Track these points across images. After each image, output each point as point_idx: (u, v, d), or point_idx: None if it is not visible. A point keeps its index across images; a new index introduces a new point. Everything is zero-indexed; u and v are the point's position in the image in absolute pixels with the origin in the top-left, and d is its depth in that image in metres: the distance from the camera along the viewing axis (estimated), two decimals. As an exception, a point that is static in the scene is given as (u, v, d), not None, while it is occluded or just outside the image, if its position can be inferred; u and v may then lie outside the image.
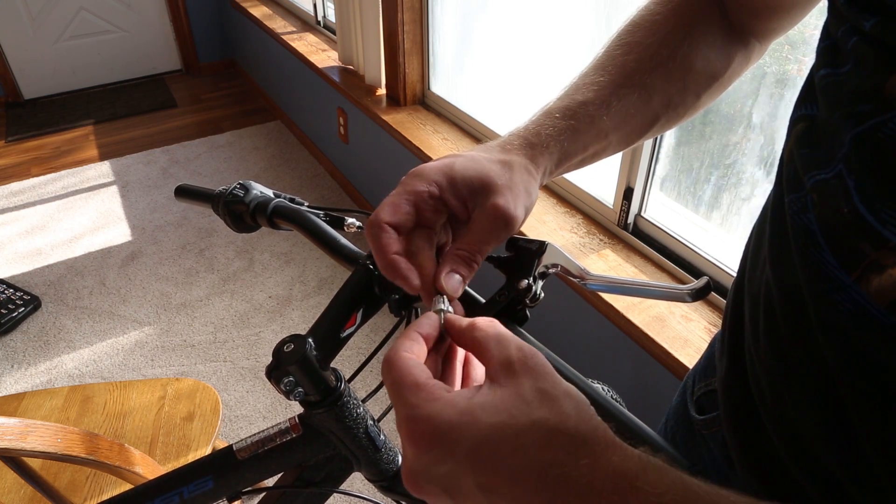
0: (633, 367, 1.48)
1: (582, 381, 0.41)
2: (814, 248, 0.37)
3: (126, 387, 1.39)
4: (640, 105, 0.54)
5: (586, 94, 0.53)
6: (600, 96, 0.53)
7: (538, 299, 0.47)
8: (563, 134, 0.51)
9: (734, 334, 0.50)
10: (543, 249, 0.48)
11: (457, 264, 0.44)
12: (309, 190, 3.12)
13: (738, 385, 0.48)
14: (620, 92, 0.54)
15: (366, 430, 0.60)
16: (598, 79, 0.54)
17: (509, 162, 0.48)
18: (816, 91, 0.39)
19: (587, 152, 0.54)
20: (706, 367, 0.61)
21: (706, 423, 0.58)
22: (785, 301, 0.40)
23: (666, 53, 0.55)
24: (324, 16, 3.09)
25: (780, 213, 0.42)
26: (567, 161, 0.53)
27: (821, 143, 0.37)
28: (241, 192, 0.72)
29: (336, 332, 0.53)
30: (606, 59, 0.56)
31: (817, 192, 0.37)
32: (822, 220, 0.36)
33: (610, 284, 0.48)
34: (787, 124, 0.44)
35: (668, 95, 0.56)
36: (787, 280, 0.40)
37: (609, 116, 0.53)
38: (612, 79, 0.54)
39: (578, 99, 0.53)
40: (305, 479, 0.62)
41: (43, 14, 3.93)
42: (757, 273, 0.46)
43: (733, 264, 1.33)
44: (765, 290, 0.43)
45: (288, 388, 0.51)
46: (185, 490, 0.58)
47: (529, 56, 1.85)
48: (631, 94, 0.54)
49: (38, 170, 3.35)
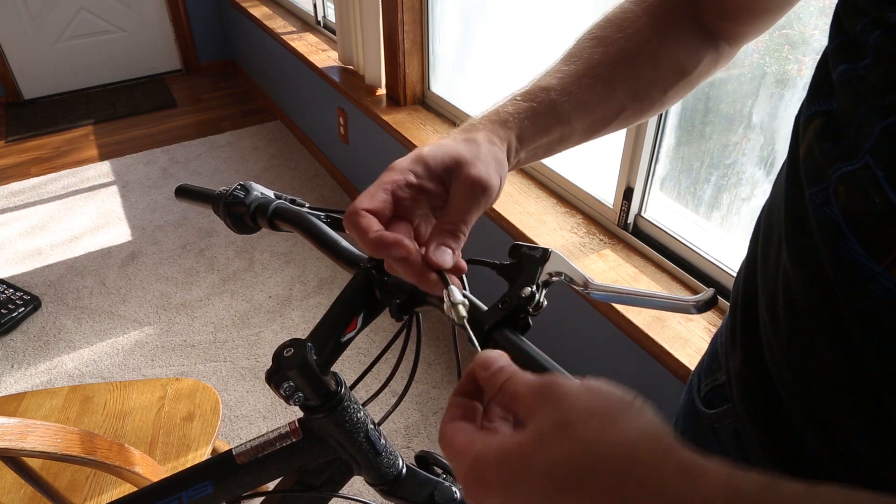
0: (633, 367, 1.48)
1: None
2: (840, 238, 0.37)
3: (126, 387, 1.39)
4: (603, 96, 0.56)
5: (550, 80, 0.56)
6: (563, 83, 0.55)
7: (541, 307, 0.46)
8: (522, 113, 0.53)
9: (747, 329, 0.51)
10: (547, 257, 0.48)
11: (443, 237, 0.45)
12: (309, 190, 3.12)
13: (756, 377, 0.49)
14: (583, 81, 0.55)
15: (366, 435, 0.59)
16: (564, 67, 0.57)
17: (473, 139, 0.50)
18: (834, 86, 0.40)
19: (551, 135, 0.55)
20: (711, 362, 0.62)
21: (717, 417, 0.59)
22: (808, 292, 0.41)
23: (633, 48, 0.57)
24: (324, 16, 3.08)
25: (797, 207, 0.42)
26: (530, 141, 0.54)
27: (843, 136, 0.38)
28: (242, 193, 0.72)
29: (336, 337, 0.53)
30: (575, 51, 0.58)
31: (843, 183, 0.37)
32: (846, 210, 0.37)
33: (614, 294, 0.48)
34: (798, 122, 0.45)
35: (633, 88, 0.58)
36: (810, 272, 0.41)
37: (570, 103, 0.55)
38: (577, 69, 0.56)
39: (541, 84, 0.55)
40: (305, 483, 0.62)
41: (43, 14, 3.93)
42: (770, 269, 0.47)
43: (733, 264, 1.33)
44: (783, 283, 0.44)
45: (288, 392, 0.51)
46: (184, 494, 0.58)
47: (529, 56, 1.85)
48: (594, 84, 0.56)
49: (38, 170, 3.35)
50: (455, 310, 0.42)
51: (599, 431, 0.30)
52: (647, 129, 1.42)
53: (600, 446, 0.30)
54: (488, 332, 0.46)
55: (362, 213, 0.45)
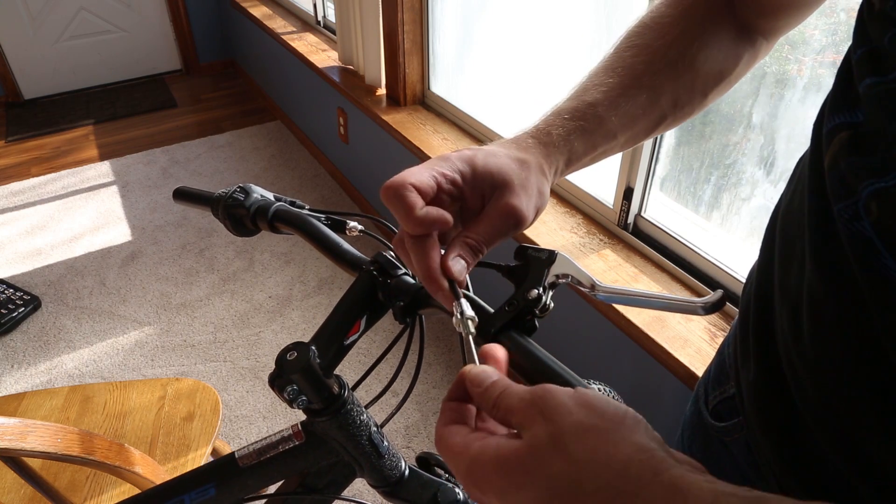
0: (633, 367, 1.48)
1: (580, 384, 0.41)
2: (872, 254, 0.37)
3: (126, 387, 1.39)
4: (647, 106, 0.55)
5: (595, 95, 0.54)
6: (609, 97, 0.54)
7: (548, 309, 0.46)
8: (572, 134, 0.52)
9: (761, 340, 0.50)
10: (553, 259, 0.48)
11: (464, 251, 0.45)
12: (309, 190, 3.12)
13: (772, 390, 0.48)
14: (629, 93, 0.54)
15: (369, 437, 0.59)
16: (607, 80, 0.55)
17: (526, 161, 0.49)
18: (860, 98, 0.39)
19: (595, 152, 0.55)
20: (719, 374, 0.61)
21: (727, 430, 0.58)
22: (837, 307, 0.40)
23: (675, 56, 0.56)
24: (324, 16, 3.08)
25: (824, 221, 0.41)
26: (576, 161, 0.54)
27: (873, 150, 0.37)
28: (242, 195, 0.71)
29: (339, 340, 0.53)
30: (616, 61, 0.56)
31: (876, 199, 0.36)
32: (880, 227, 0.36)
33: (621, 296, 0.48)
34: (818, 131, 0.44)
35: (675, 96, 0.56)
36: (840, 287, 0.40)
37: (617, 117, 0.54)
38: (621, 80, 0.55)
39: (587, 100, 0.54)
40: (308, 485, 0.62)
41: (43, 14, 3.92)
42: (792, 280, 0.46)
43: (733, 264, 1.33)
44: (808, 297, 0.43)
45: (291, 396, 0.51)
46: (186, 497, 0.58)
47: (529, 56, 1.85)
48: (639, 95, 0.55)
49: (38, 170, 3.35)
50: (464, 324, 0.42)
51: (592, 450, 0.31)
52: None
53: (593, 464, 0.31)
54: (495, 334, 0.46)
55: (410, 188, 0.43)
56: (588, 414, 0.33)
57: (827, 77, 1.14)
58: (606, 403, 0.33)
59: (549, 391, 0.34)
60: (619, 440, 0.31)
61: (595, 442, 0.31)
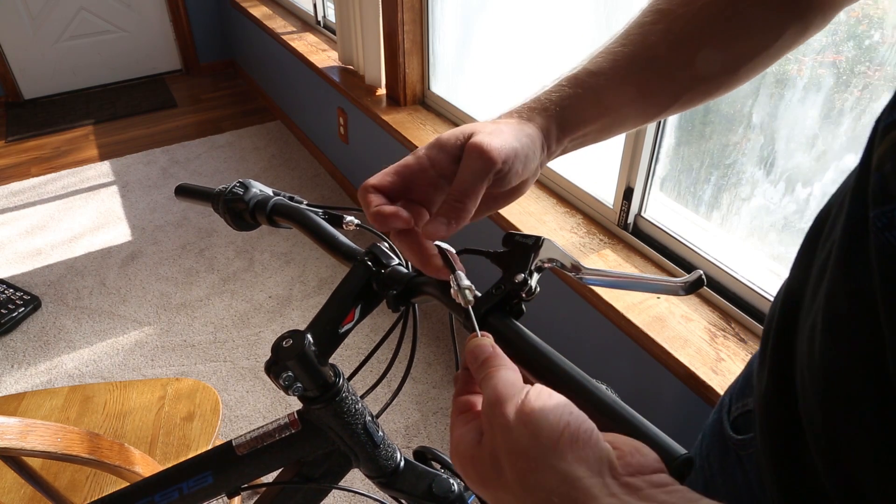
0: (633, 367, 1.48)
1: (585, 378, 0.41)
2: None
3: (126, 387, 1.39)
4: (659, 79, 0.51)
5: (601, 63, 0.51)
6: (615, 67, 0.50)
7: (534, 293, 0.47)
8: (566, 99, 0.50)
9: (779, 350, 0.48)
10: (540, 244, 0.49)
11: (444, 210, 0.45)
12: (309, 190, 3.12)
13: (781, 403, 0.46)
14: (638, 63, 0.50)
15: (364, 426, 0.60)
16: (617, 48, 0.51)
17: (499, 120, 0.49)
18: None
19: (599, 122, 0.51)
20: (744, 386, 0.59)
21: (743, 444, 0.57)
22: (854, 320, 0.38)
23: (700, 25, 0.50)
24: (324, 16, 3.09)
25: (857, 226, 0.38)
26: (575, 128, 0.50)
27: None
28: (241, 190, 0.73)
29: (335, 328, 0.54)
30: (633, 28, 0.52)
31: None
32: None
33: (604, 278, 0.48)
34: (875, 128, 0.39)
35: (696, 70, 0.51)
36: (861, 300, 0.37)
37: (622, 89, 0.50)
38: (633, 50, 0.51)
39: (589, 68, 0.51)
40: (304, 474, 0.62)
41: (43, 14, 3.93)
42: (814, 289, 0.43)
43: (733, 264, 1.34)
44: (826, 306, 0.40)
45: (286, 383, 0.52)
46: (184, 485, 0.59)
47: (529, 56, 1.85)
48: (650, 66, 0.50)
49: (38, 170, 3.35)
50: (462, 294, 0.44)
51: (521, 474, 0.32)
52: (647, 129, 1.42)
53: (520, 488, 0.32)
54: (483, 316, 0.46)
55: (369, 189, 0.47)
56: (524, 434, 0.33)
57: (827, 77, 1.14)
58: (546, 422, 0.33)
59: (500, 402, 0.35)
60: (546, 468, 0.32)
61: (524, 466, 0.32)
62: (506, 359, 0.39)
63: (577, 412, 0.34)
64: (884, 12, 1.06)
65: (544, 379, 0.42)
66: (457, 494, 0.64)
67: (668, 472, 0.33)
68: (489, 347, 0.40)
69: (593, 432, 0.33)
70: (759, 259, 1.32)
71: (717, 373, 1.20)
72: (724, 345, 1.26)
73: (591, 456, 0.32)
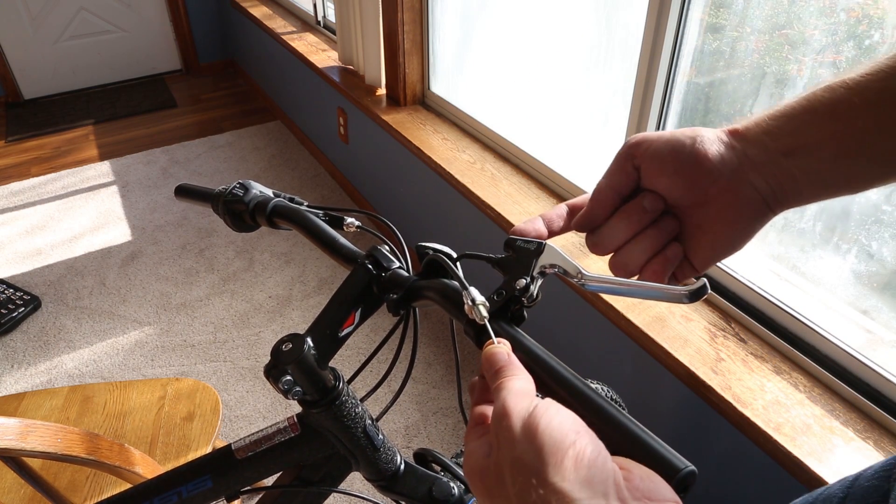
0: (633, 367, 1.48)
1: (580, 382, 0.41)
2: None
3: (126, 387, 1.39)
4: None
5: (854, 74, 0.41)
6: (868, 76, 0.40)
7: (536, 300, 0.47)
8: (780, 120, 0.42)
9: None
10: (541, 250, 0.48)
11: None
12: (309, 190, 3.12)
13: None
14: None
15: (364, 430, 0.60)
16: (883, 60, 0.40)
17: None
18: None
19: (832, 148, 0.41)
20: None
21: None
22: None
23: None
24: (324, 16, 3.09)
25: None
26: (796, 152, 0.41)
27: None
28: (241, 191, 0.73)
29: (334, 332, 0.53)
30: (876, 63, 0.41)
31: None
32: None
33: (607, 285, 0.48)
34: None
35: None
36: None
37: (868, 98, 0.39)
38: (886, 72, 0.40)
39: (834, 82, 0.41)
40: (304, 478, 0.62)
41: (43, 14, 3.93)
42: None
43: (733, 264, 1.33)
44: None
45: (286, 387, 0.51)
46: (183, 489, 0.58)
47: (529, 56, 1.85)
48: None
49: (38, 170, 3.35)
50: (476, 310, 0.44)
51: (522, 488, 0.32)
52: (646, 129, 1.42)
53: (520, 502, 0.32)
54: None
55: (538, 220, 0.53)
56: (528, 449, 0.33)
57: (827, 77, 1.14)
58: (550, 439, 0.33)
59: (507, 415, 0.35)
60: (544, 483, 0.32)
61: (525, 480, 0.32)
62: (520, 368, 0.39)
63: (585, 430, 0.33)
64: (884, 12, 1.06)
65: (544, 386, 0.41)
66: (457, 498, 0.64)
67: (671, 485, 0.33)
68: (504, 356, 0.40)
69: (600, 453, 0.32)
70: (759, 259, 1.32)
71: (717, 373, 1.20)
72: (724, 345, 1.26)
73: (595, 477, 0.31)
